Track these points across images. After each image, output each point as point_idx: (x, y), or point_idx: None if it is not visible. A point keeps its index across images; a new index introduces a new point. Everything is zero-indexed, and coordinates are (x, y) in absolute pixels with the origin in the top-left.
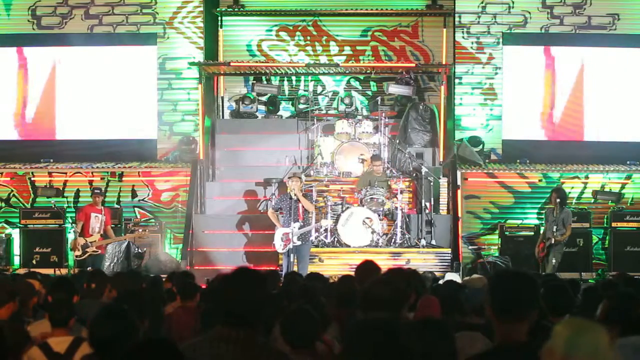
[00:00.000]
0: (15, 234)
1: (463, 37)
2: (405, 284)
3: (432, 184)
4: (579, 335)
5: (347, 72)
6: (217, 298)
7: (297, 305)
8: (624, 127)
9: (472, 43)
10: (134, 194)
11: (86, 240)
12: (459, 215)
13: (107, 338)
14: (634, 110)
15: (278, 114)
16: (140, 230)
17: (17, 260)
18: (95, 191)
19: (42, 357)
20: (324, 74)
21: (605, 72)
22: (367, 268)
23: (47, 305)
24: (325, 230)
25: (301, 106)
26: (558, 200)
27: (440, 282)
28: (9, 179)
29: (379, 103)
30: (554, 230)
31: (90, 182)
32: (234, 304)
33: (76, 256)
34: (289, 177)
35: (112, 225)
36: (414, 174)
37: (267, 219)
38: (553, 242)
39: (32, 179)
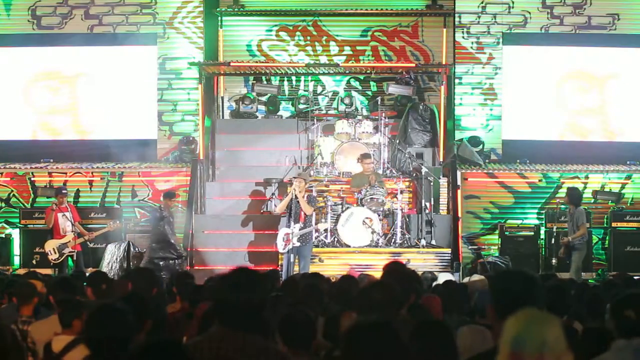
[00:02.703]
0: (15, 234)
1: (463, 37)
2: (405, 285)
3: (432, 184)
4: (525, 329)
5: (347, 72)
6: (214, 298)
7: (294, 306)
8: (624, 127)
9: (472, 43)
10: (134, 194)
11: (60, 242)
12: (459, 215)
13: (102, 337)
14: (634, 111)
15: (278, 114)
16: (111, 223)
17: (17, 261)
18: (63, 191)
19: (42, 355)
20: (324, 74)
21: (605, 72)
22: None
23: (57, 305)
24: (325, 231)
25: (301, 106)
26: (569, 199)
27: (434, 283)
28: (9, 179)
29: (379, 103)
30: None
31: (90, 182)
32: (231, 304)
33: (54, 260)
34: (293, 177)
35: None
36: (414, 174)
37: (268, 219)
38: (563, 243)
39: (32, 179)
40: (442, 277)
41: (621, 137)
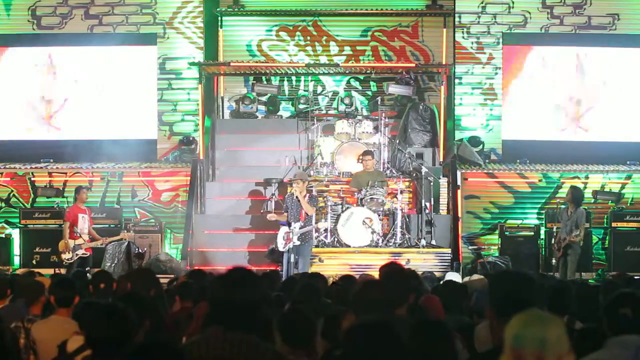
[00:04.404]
0: (15, 234)
1: (463, 37)
2: (404, 285)
3: (432, 184)
4: (525, 327)
5: (347, 72)
6: (210, 298)
7: (294, 305)
8: (624, 127)
9: (472, 43)
10: (134, 194)
11: (74, 243)
12: (459, 215)
13: (105, 338)
14: (634, 110)
15: (278, 114)
16: (125, 231)
17: (17, 261)
18: (84, 189)
19: (50, 354)
20: (324, 74)
21: (605, 72)
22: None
23: (57, 304)
24: (325, 230)
25: (301, 106)
26: (572, 198)
27: (441, 282)
28: (9, 179)
29: (379, 103)
30: (566, 230)
31: (90, 182)
32: (228, 304)
33: (67, 259)
34: (293, 180)
35: (112, 226)
36: (414, 174)
37: (268, 219)
38: (564, 243)
39: (32, 179)
40: (448, 277)
41: (621, 137)
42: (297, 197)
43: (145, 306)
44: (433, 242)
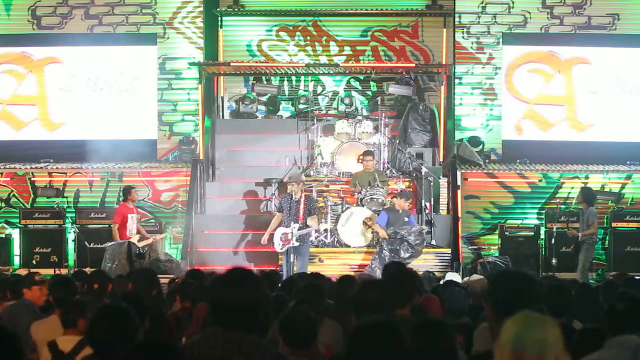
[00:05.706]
0: (15, 234)
1: (463, 37)
2: (407, 285)
3: (432, 184)
4: (525, 330)
5: (347, 72)
6: (210, 298)
7: (295, 306)
8: (624, 127)
9: (472, 43)
10: None
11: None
12: (459, 215)
13: (107, 338)
14: (634, 110)
15: (278, 114)
16: (171, 228)
17: (17, 261)
18: (133, 189)
19: (48, 354)
20: (324, 74)
21: (605, 72)
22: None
23: (57, 305)
24: (325, 231)
25: (301, 106)
26: (582, 199)
27: (441, 282)
28: (9, 179)
29: (379, 103)
30: (581, 229)
31: (90, 182)
32: (228, 304)
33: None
34: (288, 183)
35: (112, 226)
36: (414, 174)
37: (268, 219)
38: (570, 234)
39: (32, 179)
40: (449, 277)
41: (621, 137)
42: (296, 199)
43: (145, 306)
44: (433, 242)
